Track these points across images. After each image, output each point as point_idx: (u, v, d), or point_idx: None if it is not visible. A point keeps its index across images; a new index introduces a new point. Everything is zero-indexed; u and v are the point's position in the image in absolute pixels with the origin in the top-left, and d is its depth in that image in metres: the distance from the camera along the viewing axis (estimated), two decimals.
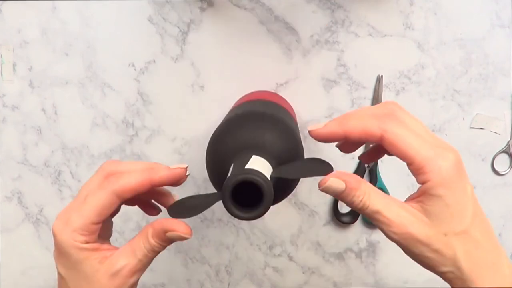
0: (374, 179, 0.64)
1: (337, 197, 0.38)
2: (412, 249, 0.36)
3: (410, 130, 0.36)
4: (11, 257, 0.68)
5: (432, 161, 0.35)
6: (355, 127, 0.38)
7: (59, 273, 0.39)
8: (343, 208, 0.65)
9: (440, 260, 0.36)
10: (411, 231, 0.36)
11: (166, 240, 0.39)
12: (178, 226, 0.39)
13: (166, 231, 0.39)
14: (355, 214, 0.64)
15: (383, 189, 0.64)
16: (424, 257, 0.36)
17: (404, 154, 0.36)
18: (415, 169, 0.36)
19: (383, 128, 0.37)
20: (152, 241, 0.39)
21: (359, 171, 0.64)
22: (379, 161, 0.63)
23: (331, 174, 0.37)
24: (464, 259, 0.35)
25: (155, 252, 0.39)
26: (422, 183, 0.36)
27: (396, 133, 0.36)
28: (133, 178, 0.39)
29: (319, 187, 0.38)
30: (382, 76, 0.62)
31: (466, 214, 0.36)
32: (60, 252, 0.39)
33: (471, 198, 0.36)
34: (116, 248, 0.40)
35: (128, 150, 0.65)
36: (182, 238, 0.39)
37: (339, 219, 0.64)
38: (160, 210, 0.47)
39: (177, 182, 0.41)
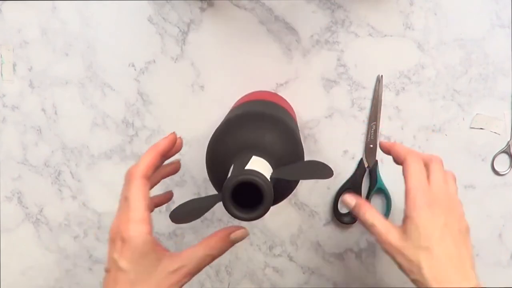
0: (374, 179, 0.64)
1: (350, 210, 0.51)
2: (393, 257, 0.47)
3: (422, 172, 0.48)
4: (11, 257, 0.68)
5: (413, 192, 0.47)
6: (393, 146, 0.52)
7: (119, 268, 0.43)
8: (343, 208, 0.65)
9: (411, 268, 0.46)
10: (392, 241, 0.47)
11: (229, 242, 0.45)
12: (238, 227, 0.46)
13: (230, 233, 0.45)
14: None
15: (383, 189, 0.64)
16: (401, 264, 0.46)
17: (404, 179, 0.48)
18: (405, 193, 0.48)
19: (405, 157, 0.49)
20: (215, 245, 0.45)
21: (360, 171, 0.64)
22: (379, 161, 0.63)
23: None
24: (427, 271, 0.45)
25: (212, 257, 0.45)
26: (405, 205, 0.47)
27: (410, 165, 0.48)
28: (147, 158, 0.46)
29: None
30: (382, 76, 0.62)
31: (431, 236, 0.45)
32: (127, 248, 0.43)
33: (441, 228, 0.46)
34: (167, 250, 0.46)
35: (128, 150, 0.65)
36: (245, 235, 0.46)
37: (339, 219, 0.64)
38: (171, 192, 0.56)
39: (176, 146, 0.49)
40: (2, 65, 0.64)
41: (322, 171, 0.42)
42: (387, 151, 0.53)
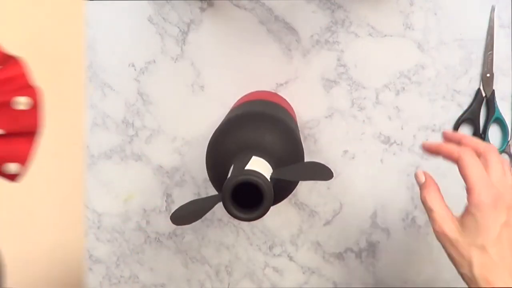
0: (492, 109, 0.62)
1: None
2: (445, 247, 0.47)
3: (480, 167, 0.47)
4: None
5: (477, 190, 0.46)
6: (440, 148, 0.51)
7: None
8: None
9: (461, 263, 0.46)
10: (446, 232, 0.47)
11: None
12: None
13: None
14: None
15: (500, 118, 0.62)
16: (452, 256, 0.47)
17: (463, 177, 0.47)
18: (467, 190, 0.46)
19: (458, 155, 0.48)
20: None
21: (477, 101, 0.62)
22: (496, 90, 0.62)
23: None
24: (478, 270, 0.45)
25: None
26: (467, 201, 0.46)
27: (467, 162, 0.47)
28: None
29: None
30: (495, 6, 0.60)
31: (489, 234, 0.45)
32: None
33: (499, 227, 0.45)
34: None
35: (128, 150, 0.65)
36: None
37: None
38: None
39: None
40: None
41: (322, 172, 0.42)
42: (434, 153, 0.51)
